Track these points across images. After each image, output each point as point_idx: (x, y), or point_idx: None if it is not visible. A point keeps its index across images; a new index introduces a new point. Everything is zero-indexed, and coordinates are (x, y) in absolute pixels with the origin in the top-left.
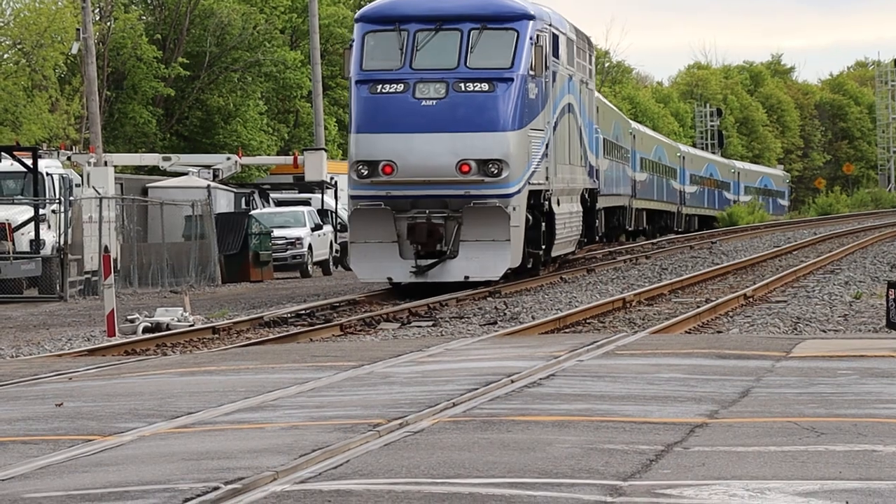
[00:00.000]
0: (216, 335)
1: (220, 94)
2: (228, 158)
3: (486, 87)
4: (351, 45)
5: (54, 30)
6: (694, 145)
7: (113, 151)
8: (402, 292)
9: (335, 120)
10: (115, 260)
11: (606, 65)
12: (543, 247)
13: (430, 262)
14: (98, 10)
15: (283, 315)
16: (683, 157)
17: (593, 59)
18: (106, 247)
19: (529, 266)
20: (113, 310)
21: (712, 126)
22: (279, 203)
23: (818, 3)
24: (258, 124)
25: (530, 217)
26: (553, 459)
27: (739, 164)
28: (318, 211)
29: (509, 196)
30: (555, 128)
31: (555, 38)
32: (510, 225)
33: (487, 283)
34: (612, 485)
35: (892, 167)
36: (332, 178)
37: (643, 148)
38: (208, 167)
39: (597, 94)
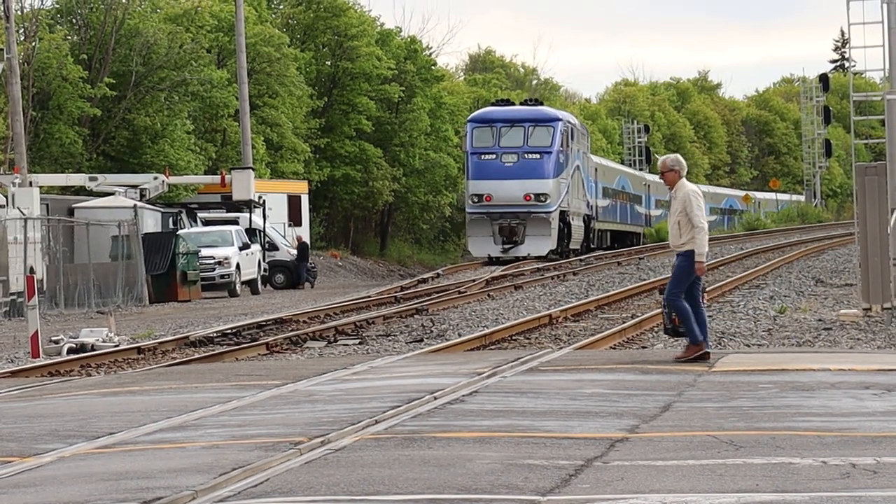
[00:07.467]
0: (141, 355)
1: (146, 114)
2: (155, 178)
3: (538, 156)
4: (466, 134)
5: None
6: (622, 162)
7: (39, 172)
8: (493, 263)
9: (263, 139)
10: (41, 281)
11: (535, 82)
12: (566, 241)
13: (509, 246)
14: (23, 29)
15: (209, 334)
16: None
17: (589, 140)
18: (31, 268)
19: (559, 252)
20: (37, 331)
21: (640, 143)
22: (207, 222)
23: (744, 20)
24: (185, 143)
25: (561, 224)
26: (473, 475)
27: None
28: (247, 230)
29: (550, 212)
30: (571, 178)
31: (571, 130)
32: (551, 227)
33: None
34: (531, 500)
35: (817, 182)
36: (260, 197)
37: (658, 193)
38: (135, 187)
39: (604, 161)
